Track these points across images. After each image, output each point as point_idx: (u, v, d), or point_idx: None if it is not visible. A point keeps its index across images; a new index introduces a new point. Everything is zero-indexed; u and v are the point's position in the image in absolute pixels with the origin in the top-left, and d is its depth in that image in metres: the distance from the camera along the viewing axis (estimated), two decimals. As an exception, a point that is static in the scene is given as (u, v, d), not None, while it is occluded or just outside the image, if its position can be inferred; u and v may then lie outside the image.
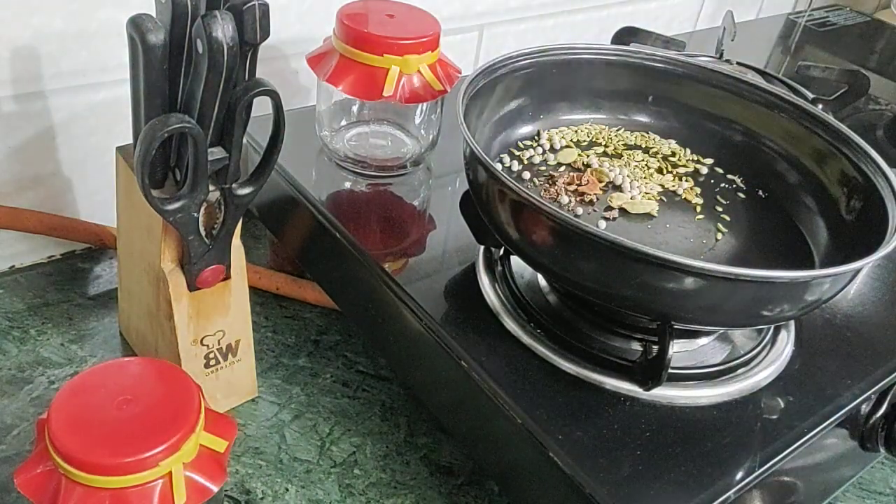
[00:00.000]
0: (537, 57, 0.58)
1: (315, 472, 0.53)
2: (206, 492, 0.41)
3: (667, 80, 0.62)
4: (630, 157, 0.60)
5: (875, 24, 1.18)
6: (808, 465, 0.50)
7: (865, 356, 0.52)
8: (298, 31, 0.69)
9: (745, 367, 0.49)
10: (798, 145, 0.58)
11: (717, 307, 0.43)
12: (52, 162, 0.62)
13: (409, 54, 0.57)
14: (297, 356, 0.61)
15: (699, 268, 0.40)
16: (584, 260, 0.43)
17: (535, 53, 0.58)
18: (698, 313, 0.44)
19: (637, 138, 0.62)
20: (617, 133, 0.63)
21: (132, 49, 0.41)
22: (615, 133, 0.63)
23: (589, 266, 0.44)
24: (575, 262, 0.44)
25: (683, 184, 0.58)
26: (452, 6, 0.78)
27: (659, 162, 0.61)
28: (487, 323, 0.50)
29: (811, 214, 0.56)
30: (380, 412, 0.57)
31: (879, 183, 0.50)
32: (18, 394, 0.54)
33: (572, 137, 0.61)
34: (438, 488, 0.53)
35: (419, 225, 0.59)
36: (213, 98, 0.42)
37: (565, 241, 0.43)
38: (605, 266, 0.43)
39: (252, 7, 0.41)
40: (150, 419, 0.40)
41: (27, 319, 0.60)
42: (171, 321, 0.50)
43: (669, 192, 0.58)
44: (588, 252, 0.43)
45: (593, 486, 0.41)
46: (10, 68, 0.56)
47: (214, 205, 0.47)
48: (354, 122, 0.66)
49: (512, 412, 0.44)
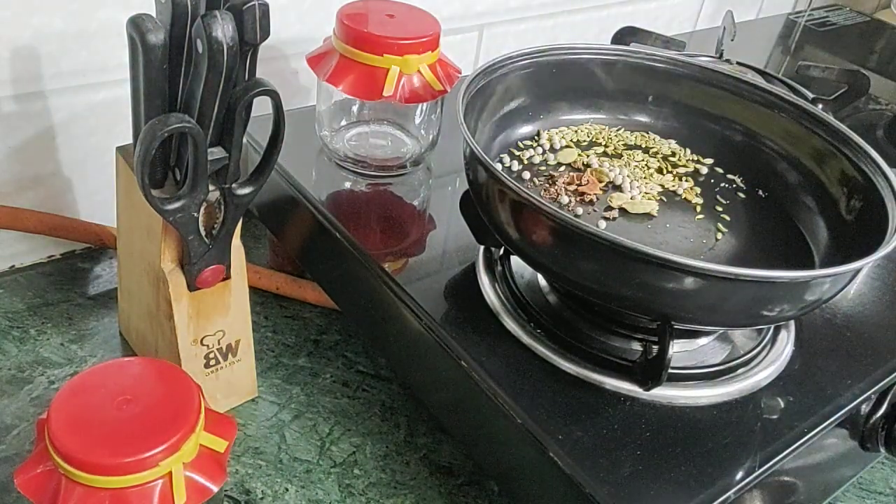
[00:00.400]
0: (537, 57, 0.58)
1: (315, 472, 0.53)
2: (206, 492, 0.41)
3: (667, 80, 0.62)
4: (630, 157, 0.60)
5: (875, 24, 1.18)
6: (808, 465, 0.50)
7: (865, 356, 0.52)
8: (298, 31, 0.69)
9: (746, 367, 0.49)
10: (798, 145, 0.58)
11: (716, 307, 0.43)
12: (52, 162, 0.62)
13: (409, 54, 0.57)
14: (297, 356, 0.61)
15: (699, 267, 0.40)
16: (583, 260, 0.43)
17: (535, 53, 0.58)
18: (698, 313, 0.44)
19: (637, 138, 0.62)
20: (617, 133, 0.63)
21: (132, 49, 0.41)
22: (615, 133, 0.63)
23: (589, 266, 0.44)
24: (575, 262, 0.44)
25: (683, 184, 0.59)
26: (452, 6, 0.78)
27: (659, 162, 0.61)
28: (487, 323, 0.50)
29: (811, 214, 0.56)
30: (380, 412, 0.57)
31: (879, 183, 0.50)
32: (18, 394, 0.54)
33: (572, 137, 0.61)
34: (438, 488, 0.53)
35: (419, 225, 0.59)
36: (213, 98, 0.42)
37: (565, 241, 0.43)
38: (604, 266, 0.43)
39: (252, 7, 0.41)
40: (150, 419, 0.40)
41: (27, 319, 0.60)
42: (171, 321, 0.50)
43: (669, 191, 0.58)
44: (588, 252, 0.43)
45: (593, 486, 0.41)
46: (10, 68, 0.56)
47: (214, 205, 0.47)
48: (354, 122, 0.66)
49: (512, 412, 0.44)
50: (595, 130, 0.62)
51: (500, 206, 0.46)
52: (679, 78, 0.62)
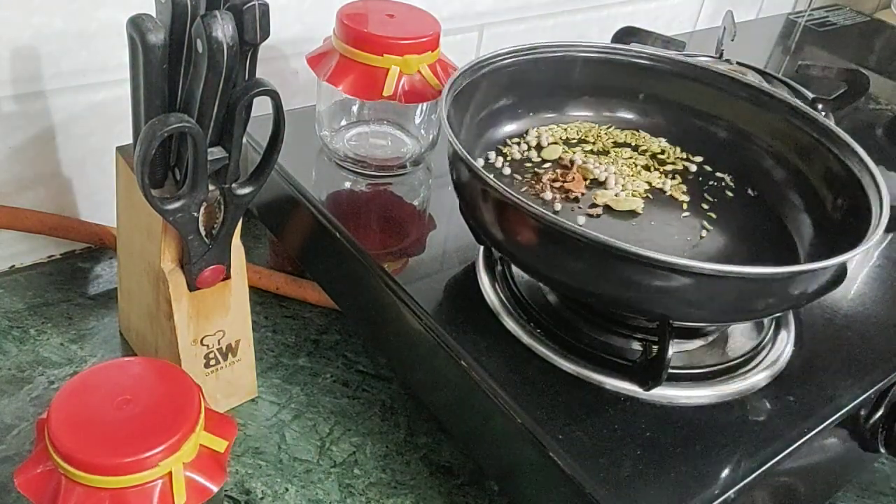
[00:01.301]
0: (523, 55, 0.58)
1: (315, 472, 0.53)
2: (206, 492, 0.41)
3: (656, 78, 0.62)
4: (618, 155, 0.60)
5: (875, 24, 1.18)
6: (808, 465, 0.50)
7: (865, 356, 0.52)
8: (298, 31, 0.69)
9: (746, 366, 0.49)
10: (784, 141, 0.58)
11: (702, 303, 0.43)
12: (52, 162, 0.62)
13: (409, 54, 0.57)
14: (297, 356, 0.61)
15: (673, 263, 0.40)
16: (563, 258, 0.44)
17: (521, 52, 0.58)
18: (686, 309, 0.44)
19: (627, 136, 0.63)
20: (607, 131, 0.63)
21: (132, 49, 0.41)
22: (605, 131, 0.63)
23: (569, 264, 0.44)
24: (555, 261, 0.44)
25: (670, 181, 0.58)
26: (452, 6, 0.78)
27: (647, 160, 0.61)
28: (487, 323, 0.50)
29: (797, 211, 0.56)
30: (380, 412, 0.57)
31: (864, 179, 0.50)
32: (18, 394, 0.54)
33: (561, 135, 0.61)
34: (438, 488, 0.53)
35: (419, 225, 0.59)
36: (212, 98, 0.42)
37: (544, 238, 0.43)
38: (584, 264, 0.43)
39: (252, 7, 0.41)
40: (150, 419, 0.40)
41: (27, 319, 0.60)
42: (171, 321, 0.50)
43: (656, 189, 0.58)
44: (567, 249, 0.43)
45: (593, 486, 0.41)
46: (10, 68, 0.56)
47: (214, 204, 0.47)
48: (354, 122, 0.66)
49: (512, 412, 0.44)
50: (585, 128, 0.62)
51: (483, 206, 0.46)
52: (669, 76, 0.62)
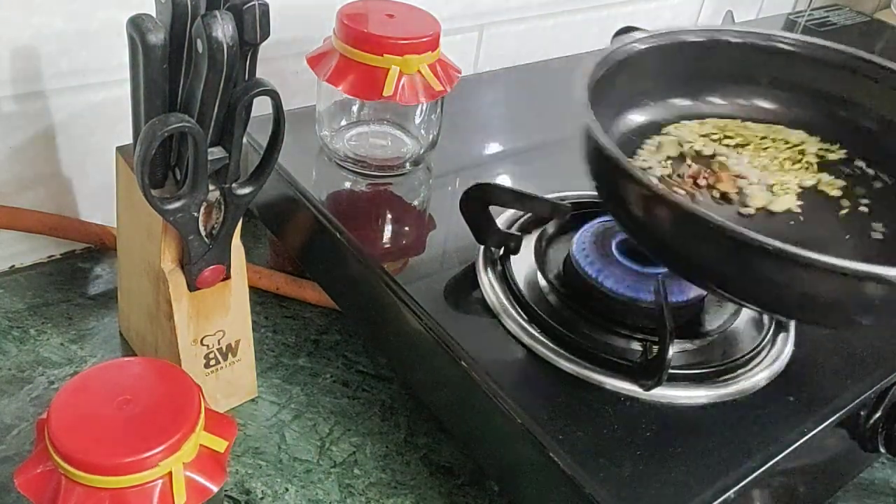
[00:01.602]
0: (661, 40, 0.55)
1: (315, 472, 0.53)
2: (206, 492, 0.41)
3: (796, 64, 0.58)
4: (759, 148, 0.57)
5: (875, 24, 1.18)
6: (808, 465, 0.50)
7: (865, 356, 0.52)
8: (298, 31, 0.69)
9: (746, 367, 0.49)
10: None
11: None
12: (52, 162, 0.62)
13: (409, 54, 0.57)
14: (297, 356, 0.61)
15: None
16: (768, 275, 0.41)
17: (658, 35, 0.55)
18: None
19: (763, 129, 0.59)
20: (743, 125, 0.59)
21: (132, 49, 0.41)
22: (741, 125, 0.59)
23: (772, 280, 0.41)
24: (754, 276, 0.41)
25: (819, 175, 0.55)
26: (452, 6, 0.78)
27: (790, 152, 0.57)
28: (487, 323, 0.50)
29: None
30: (380, 412, 0.57)
31: None
32: (18, 394, 0.54)
33: (698, 131, 0.58)
34: (438, 488, 0.53)
35: (419, 225, 0.59)
36: (213, 98, 0.42)
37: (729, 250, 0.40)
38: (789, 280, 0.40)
39: (252, 7, 0.41)
40: (150, 419, 0.40)
41: (27, 319, 0.60)
42: (171, 321, 0.50)
43: (806, 185, 0.54)
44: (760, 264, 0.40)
45: (593, 486, 0.41)
46: (10, 68, 0.56)
47: (214, 205, 0.47)
48: (354, 122, 0.66)
49: (512, 412, 0.44)
50: (721, 125, 0.59)
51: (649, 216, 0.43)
52: (809, 61, 0.58)
